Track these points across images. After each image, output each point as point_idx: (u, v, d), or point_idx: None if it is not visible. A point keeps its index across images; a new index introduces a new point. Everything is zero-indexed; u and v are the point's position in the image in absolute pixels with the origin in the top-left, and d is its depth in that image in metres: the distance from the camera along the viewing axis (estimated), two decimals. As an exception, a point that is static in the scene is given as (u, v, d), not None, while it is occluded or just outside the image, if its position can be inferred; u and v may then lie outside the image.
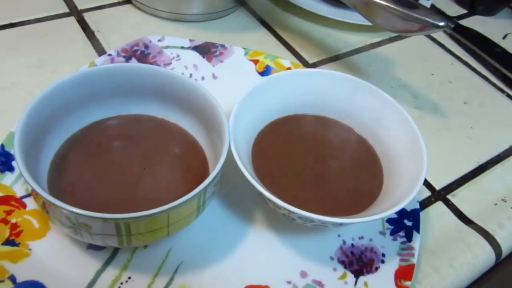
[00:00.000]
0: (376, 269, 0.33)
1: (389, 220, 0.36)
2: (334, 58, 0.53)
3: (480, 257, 0.37)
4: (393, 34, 0.57)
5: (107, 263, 0.31)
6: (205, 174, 0.34)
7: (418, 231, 0.35)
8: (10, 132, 0.36)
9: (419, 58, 0.55)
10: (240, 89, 0.36)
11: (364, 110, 0.38)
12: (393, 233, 0.36)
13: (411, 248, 0.34)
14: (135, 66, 0.35)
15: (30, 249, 0.31)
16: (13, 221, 0.32)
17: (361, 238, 0.35)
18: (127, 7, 0.53)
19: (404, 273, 0.33)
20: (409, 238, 0.35)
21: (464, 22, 0.61)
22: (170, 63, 0.45)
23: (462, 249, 0.37)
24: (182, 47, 0.47)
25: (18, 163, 0.27)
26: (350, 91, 0.38)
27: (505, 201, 0.41)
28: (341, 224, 0.32)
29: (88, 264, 0.31)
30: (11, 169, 0.34)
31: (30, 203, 0.33)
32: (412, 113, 0.36)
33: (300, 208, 0.29)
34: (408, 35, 0.57)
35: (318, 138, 0.38)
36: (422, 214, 0.38)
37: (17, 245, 0.31)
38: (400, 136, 0.36)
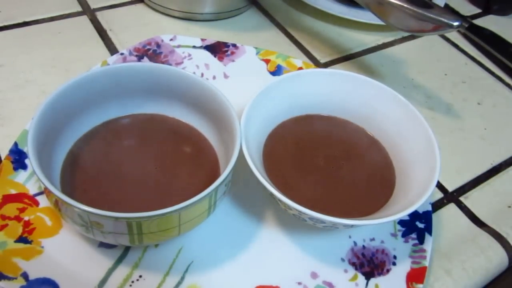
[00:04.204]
0: (388, 271, 0.33)
1: (401, 222, 0.36)
2: (346, 58, 0.52)
3: (493, 260, 0.36)
4: (406, 34, 0.57)
5: (119, 261, 0.32)
6: (217, 174, 0.34)
7: (430, 233, 0.35)
8: (23, 130, 0.36)
9: (432, 58, 0.55)
10: (252, 89, 0.35)
11: (377, 110, 0.38)
12: (405, 235, 0.35)
13: (423, 250, 0.34)
14: (147, 66, 0.35)
15: (42, 247, 0.31)
16: (26, 218, 0.32)
17: (373, 239, 0.35)
18: (140, 6, 0.54)
19: (416, 275, 0.33)
20: (421, 240, 0.35)
21: (478, 22, 0.60)
22: (182, 62, 0.45)
23: (475, 252, 0.36)
24: (194, 46, 0.47)
25: (31, 161, 0.28)
26: (363, 91, 0.38)
27: (519, 204, 0.40)
28: (352, 226, 0.32)
29: (99, 262, 0.31)
30: (24, 167, 0.35)
31: (43, 200, 0.33)
32: (425, 114, 0.36)
33: (311, 209, 0.29)
34: (421, 35, 0.56)
35: (330, 139, 0.38)
36: (434, 216, 0.37)
37: (29, 242, 0.31)
38: (412, 137, 0.36)
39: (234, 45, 0.48)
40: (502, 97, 0.51)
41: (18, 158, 0.35)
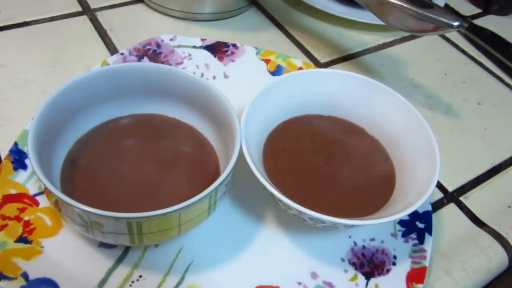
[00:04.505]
0: (388, 271, 0.33)
1: (401, 222, 0.36)
2: (346, 58, 0.52)
3: (493, 260, 0.36)
4: (406, 34, 0.57)
5: (119, 261, 0.32)
6: (217, 174, 0.34)
7: (430, 233, 0.35)
8: (23, 130, 0.36)
9: (432, 58, 0.55)
10: (252, 89, 0.36)
11: (376, 110, 0.38)
12: (405, 235, 0.35)
13: (423, 250, 0.34)
14: (147, 66, 0.35)
15: (42, 247, 0.31)
16: (26, 218, 0.32)
17: (373, 239, 0.35)
18: (139, 6, 0.54)
19: (416, 275, 0.33)
20: (421, 240, 0.35)
21: (478, 22, 0.60)
22: (182, 62, 0.45)
23: (475, 252, 0.36)
24: (194, 46, 0.47)
25: (31, 161, 0.28)
26: (363, 91, 0.38)
27: (519, 204, 0.40)
28: (352, 226, 0.32)
29: (99, 262, 0.31)
30: (24, 167, 0.35)
31: (43, 200, 0.33)
32: (425, 114, 0.36)
33: (311, 209, 0.29)
34: (421, 35, 0.56)
35: (330, 139, 0.38)
36: (434, 216, 0.37)
37: (29, 242, 0.31)
38: (412, 137, 0.36)
39: (234, 45, 0.48)
40: (502, 97, 0.51)
41: (18, 158, 0.35)
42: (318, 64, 0.51)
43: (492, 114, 0.49)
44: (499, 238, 0.37)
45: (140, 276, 0.31)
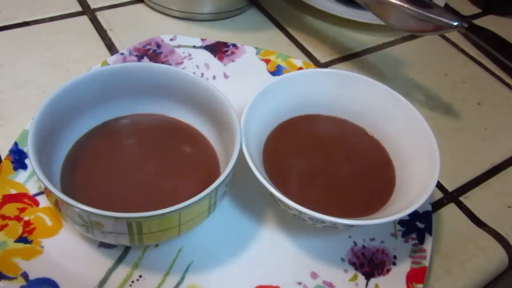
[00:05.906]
0: (388, 271, 0.33)
1: (401, 222, 0.36)
2: (347, 58, 0.52)
3: (493, 260, 0.36)
4: (406, 34, 0.57)
5: (119, 261, 0.32)
6: (217, 174, 0.34)
7: (430, 233, 0.35)
8: (24, 130, 0.36)
9: (433, 58, 0.55)
10: (252, 89, 0.35)
11: (377, 110, 0.38)
12: (405, 235, 0.35)
13: (423, 250, 0.34)
14: (147, 65, 0.35)
15: (42, 247, 0.31)
16: (26, 218, 0.32)
17: (373, 239, 0.35)
18: (139, 6, 0.54)
19: (416, 275, 0.33)
20: (421, 240, 0.35)
21: (478, 22, 0.60)
22: (182, 62, 0.45)
23: (475, 252, 0.36)
24: (194, 46, 0.47)
25: (31, 161, 0.28)
26: (363, 91, 0.38)
27: (519, 204, 0.40)
28: (352, 226, 0.32)
29: (99, 262, 0.31)
30: (24, 167, 0.35)
31: (43, 200, 0.33)
32: (425, 114, 0.36)
33: (311, 209, 0.29)
34: (421, 35, 0.56)
35: (330, 139, 0.38)
36: (434, 216, 0.37)
37: (29, 242, 0.31)
38: (412, 137, 0.36)
39: (234, 45, 0.48)
40: (502, 97, 0.51)
41: (18, 158, 0.35)
42: (318, 64, 0.51)
43: (492, 114, 0.49)
44: (499, 238, 0.38)
45: (140, 276, 0.31)
